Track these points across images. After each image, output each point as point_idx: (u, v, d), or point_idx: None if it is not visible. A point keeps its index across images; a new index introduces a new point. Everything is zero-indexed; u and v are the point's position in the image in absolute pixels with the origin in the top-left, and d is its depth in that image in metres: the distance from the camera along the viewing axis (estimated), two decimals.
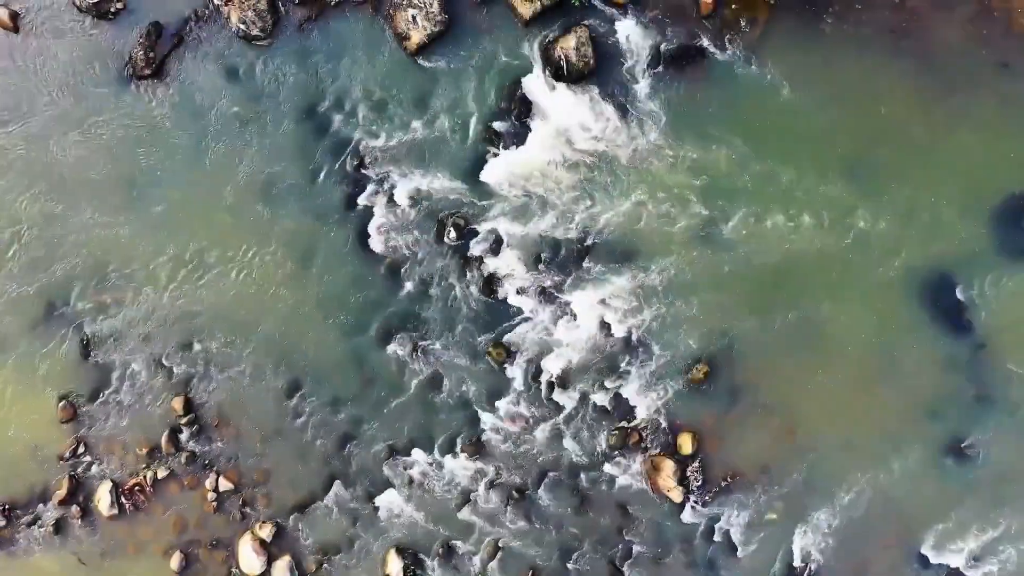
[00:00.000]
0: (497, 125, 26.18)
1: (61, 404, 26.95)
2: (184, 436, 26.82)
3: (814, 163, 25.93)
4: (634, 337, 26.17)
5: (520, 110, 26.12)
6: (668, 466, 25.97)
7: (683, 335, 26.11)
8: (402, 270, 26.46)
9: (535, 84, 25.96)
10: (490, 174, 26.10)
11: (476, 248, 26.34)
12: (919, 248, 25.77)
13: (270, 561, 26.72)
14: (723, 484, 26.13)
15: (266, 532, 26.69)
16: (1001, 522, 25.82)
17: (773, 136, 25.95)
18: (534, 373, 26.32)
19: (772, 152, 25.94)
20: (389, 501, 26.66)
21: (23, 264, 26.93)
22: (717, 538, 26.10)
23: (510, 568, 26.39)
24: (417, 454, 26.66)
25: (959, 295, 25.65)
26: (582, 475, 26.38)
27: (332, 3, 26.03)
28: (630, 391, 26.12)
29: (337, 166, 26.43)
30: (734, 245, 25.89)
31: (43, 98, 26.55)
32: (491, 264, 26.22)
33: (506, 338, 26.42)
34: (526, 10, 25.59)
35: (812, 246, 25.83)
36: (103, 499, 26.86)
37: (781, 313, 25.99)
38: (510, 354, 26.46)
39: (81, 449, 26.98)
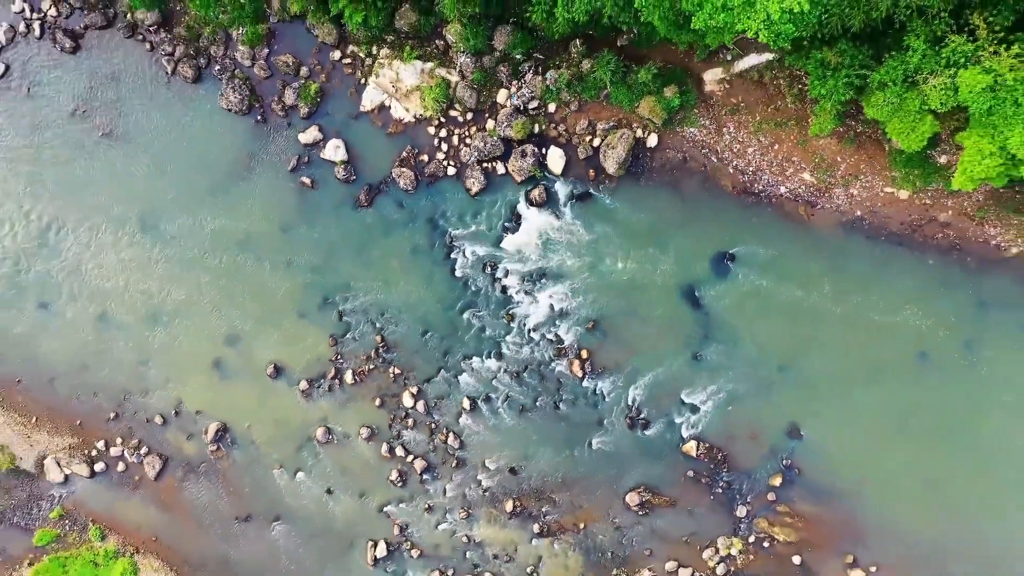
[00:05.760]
0: (506, 223, 63.98)
1: (329, 338, 65.90)
2: (381, 351, 65.52)
3: (639, 242, 63.04)
4: (564, 310, 63.79)
5: (517, 217, 63.77)
6: (577, 363, 63.58)
7: (584, 309, 63.64)
8: (468, 284, 64.54)
9: (522, 207, 63.63)
10: (505, 245, 63.98)
11: (498, 274, 64.18)
12: (681, 275, 62.68)
13: (415, 401, 65.38)
14: (600, 371, 63.63)
15: (414, 390, 65.17)
16: (715, 386, 62.76)
17: (623, 231, 63.09)
18: (521, 325, 64.27)
19: (622, 237, 63.13)
20: (464, 379, 64.97)
21: (314, 284, 65.86)
22: (597, 393, 63.74)
23: (513, 405, 64.48)
24: (475, 359, 64.81)
25: (697, 294, 62.53)
26: (542, 367, 64.30)
27: (441, 176, 64.11)
28: (561, 332, 63.81)
29: (440, 242, 64.58)
30: (605, 274, 63.26)
31: (322, 220, 65.41)
32: (504, 281, 64.14)
33: (511, 311, 64.31)
34: (518, 178, 63.23)
35: (636, 275, 62.94)
36: (347, 377, 65.70)
37: (624, 303, 63.25)
38: (513, 318, 64.29)
39: (338, 356, 65.92)
